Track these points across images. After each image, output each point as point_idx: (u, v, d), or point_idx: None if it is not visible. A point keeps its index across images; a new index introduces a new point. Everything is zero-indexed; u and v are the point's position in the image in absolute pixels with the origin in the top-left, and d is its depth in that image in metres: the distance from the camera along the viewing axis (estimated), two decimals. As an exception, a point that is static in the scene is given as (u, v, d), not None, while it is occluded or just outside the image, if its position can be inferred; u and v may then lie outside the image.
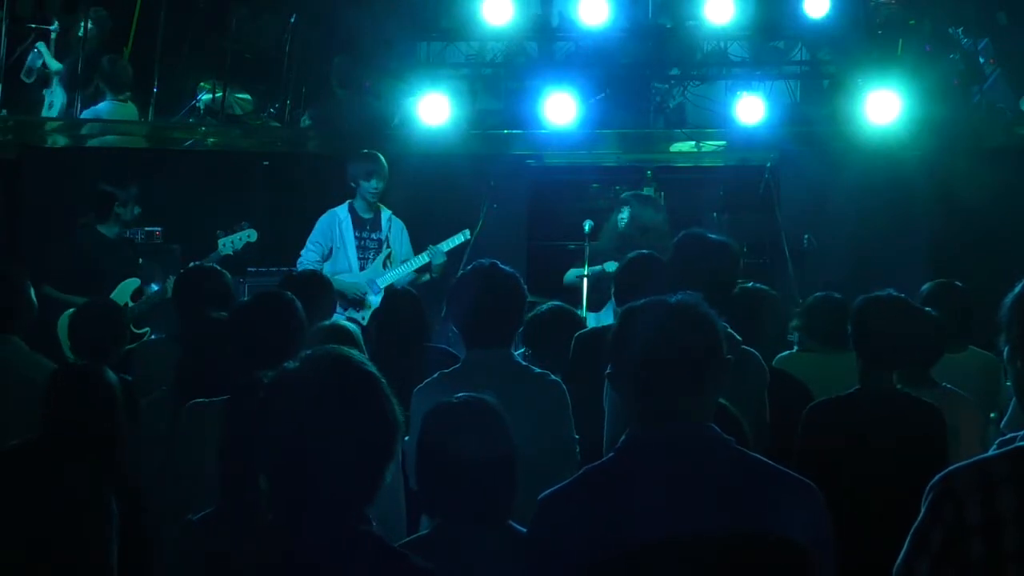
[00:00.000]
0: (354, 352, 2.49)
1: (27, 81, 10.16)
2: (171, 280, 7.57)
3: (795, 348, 5.84)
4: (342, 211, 8.06)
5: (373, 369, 2.43)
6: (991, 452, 2.53)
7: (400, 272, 7.97)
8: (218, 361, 4.19)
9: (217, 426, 3.85)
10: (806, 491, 2.49)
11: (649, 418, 2.45)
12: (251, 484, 3.13)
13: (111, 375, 4.17)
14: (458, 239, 8.14)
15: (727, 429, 2.96)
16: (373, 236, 8.04)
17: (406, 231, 8.14)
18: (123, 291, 7.70)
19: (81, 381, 4.17)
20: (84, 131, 9.56)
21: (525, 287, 4.41)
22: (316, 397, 2.35)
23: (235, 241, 7.97)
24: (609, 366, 2.56)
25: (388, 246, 8.05)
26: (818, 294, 5.89)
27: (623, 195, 8.64)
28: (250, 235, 8.03)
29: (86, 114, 9.70)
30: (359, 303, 7.86)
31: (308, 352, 2.49)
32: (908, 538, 2.50)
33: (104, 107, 9.59)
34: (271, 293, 4.69)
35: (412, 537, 3.24)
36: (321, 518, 2.34)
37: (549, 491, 2.50)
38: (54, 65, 10.13)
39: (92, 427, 3.99)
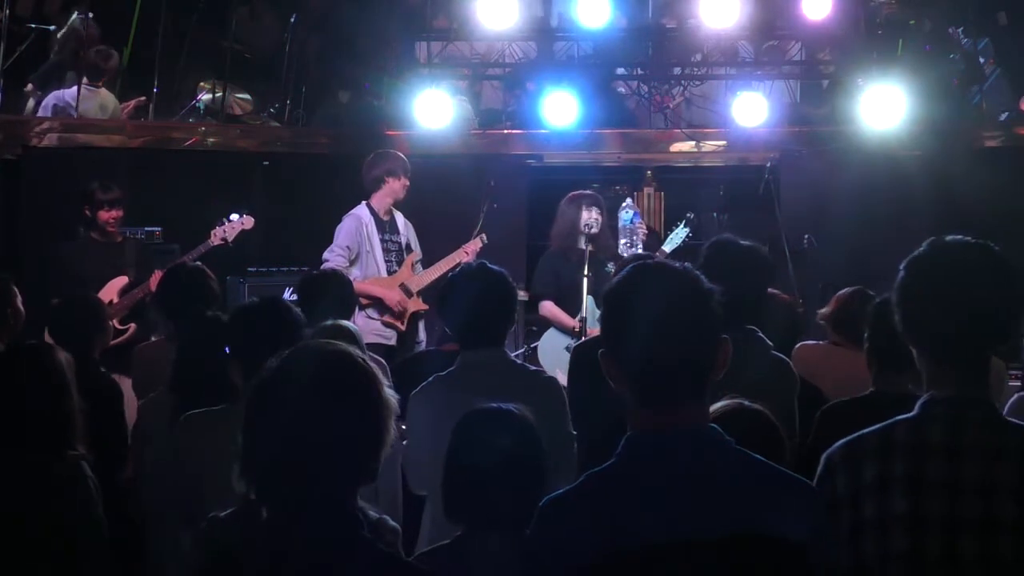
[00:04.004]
0: (337, 343, 2.49)
1: None
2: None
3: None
4: (363, 213, 7.85)
5: (357, 354, 2.42)
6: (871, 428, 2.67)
7: (431, 275, 7.91)
8: (213, 361, 4.17)
9: (214, 434, 3.87)
10: (805, 491, 2.49)
11: (648, 421, 2.44)
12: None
13: (60, 354, 4.17)
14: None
15: (766, 438, 2.95)
16: (393, 239, 7.94)
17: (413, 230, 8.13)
18: (110, 290, 7.65)
19: (27, 358, 4.19)
20: (73, 130, 9.55)
21: (515, 286, 4.46)
22: (298, 389, 2.34)
23: (227, 230, 7.91)
24: (602, 350, 2.50)
25: (411, 249, 8.00)
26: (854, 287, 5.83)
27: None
28: (244, 222, 7.97)
29: (49, 99, 9.68)
30: (401, 316, 7.81)
31: (289, 349, 2.48)
32: None
33: (73, 92, 9.61)
34: (270, 298, 4.69)
35: (434, 546, 3.25)
36: (315, 514, 2.33)
37: (551, 496, 2.49)
38: None
39: (41, 405, 3.99)
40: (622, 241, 8.24)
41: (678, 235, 8.22)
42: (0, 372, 4.13)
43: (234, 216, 7.95)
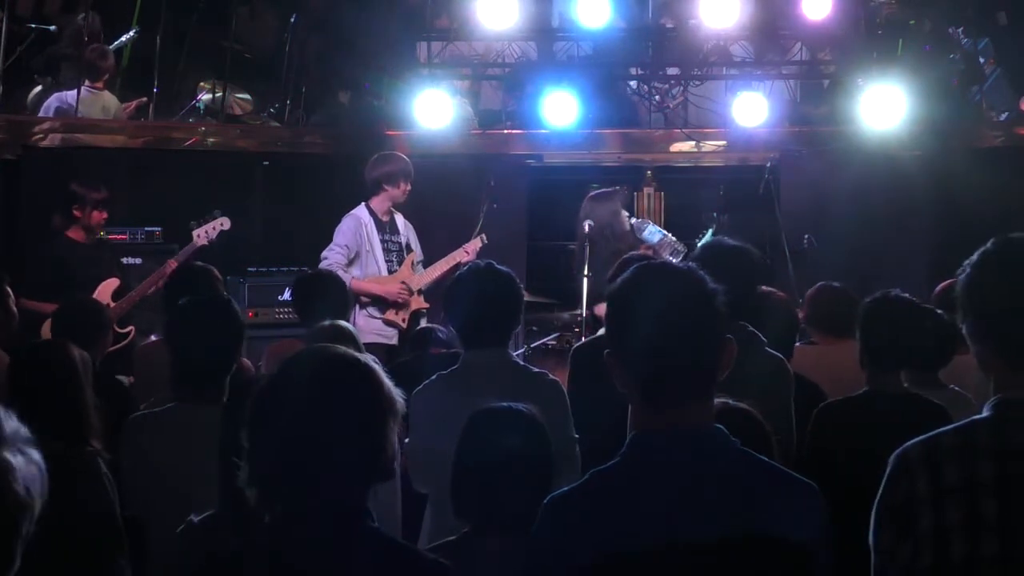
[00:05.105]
0: (339, 347, 2.50)
1: None
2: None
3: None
4: (363, 214, 7.86)
5: (357, 356, 2.44)
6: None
7: (432, 274, 7.94)
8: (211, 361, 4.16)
9: (161, 436, 3.88)
10: (807, 491, 2.48)
11: (652, 422, 2.44)
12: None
13: (75, 351, 4.18)
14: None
15: (753, 436, 2.96)
16: (394, 239, 7.94)
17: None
18: (102, 293, 7.62)
19: (42, 354, 4.21)
20: (76, 129, 9.53)
21: (522, 286, 4.45)
22: (301, 392, 2.36)
23: (208, 231, 7.90)
24: (608, 350, 2.49)
25: (411, 249, 8.01)
26: (818, 284, 5.91)
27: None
28: (223, 223, 7.95)
29: (52, 100, 9.66)
30: (404, 307, 7.81)
31: (292, 354, 2.50)
32: (873, 513, 2.57)
33: (74, 94, 9.60)
34: (211, 296, 4.69)
35: (437, 544, 3.26)
36: (322, 512, 2.34)
37: (554, 494, 2.49)
38: None
39: (57, 400, 4.00)
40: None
41: (708, 238, 8.29)
42: (17, 368, 4.15)
43: (216, 213, 7.92)
